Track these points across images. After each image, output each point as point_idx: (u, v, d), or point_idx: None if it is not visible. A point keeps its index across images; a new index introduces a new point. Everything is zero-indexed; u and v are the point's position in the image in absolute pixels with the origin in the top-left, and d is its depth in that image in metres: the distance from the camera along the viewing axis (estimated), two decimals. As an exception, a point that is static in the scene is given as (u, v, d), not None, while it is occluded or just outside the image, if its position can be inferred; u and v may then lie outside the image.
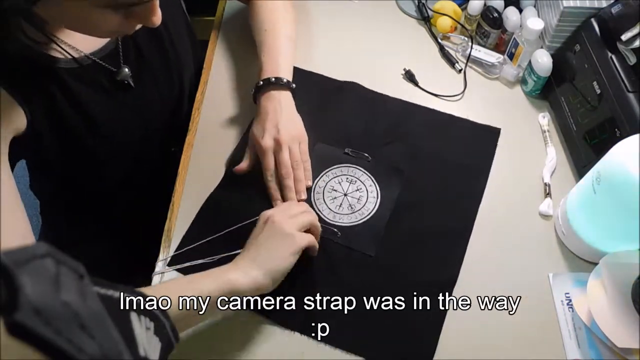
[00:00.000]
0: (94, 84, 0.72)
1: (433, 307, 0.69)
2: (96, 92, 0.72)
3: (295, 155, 0.77)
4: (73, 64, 0.68)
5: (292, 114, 0.79)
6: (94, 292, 0.29)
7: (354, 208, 0.77)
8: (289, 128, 0.77)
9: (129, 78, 0.75)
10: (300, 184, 0.77)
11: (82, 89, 0.70)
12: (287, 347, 0.67)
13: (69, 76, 0.68)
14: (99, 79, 0.72)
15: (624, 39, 0.74)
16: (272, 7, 0.87)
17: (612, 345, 0.62)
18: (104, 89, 0.73)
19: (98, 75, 0.72)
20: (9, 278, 0.22)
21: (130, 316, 0.33)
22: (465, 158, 0.82)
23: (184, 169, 0.82)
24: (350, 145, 0.83)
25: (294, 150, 0.77)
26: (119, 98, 0.75)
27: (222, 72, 0.94)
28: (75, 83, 0.69)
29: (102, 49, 0.72)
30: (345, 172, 0.81)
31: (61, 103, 0.68)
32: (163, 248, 0.74)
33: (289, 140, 0.76)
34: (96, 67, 0.71)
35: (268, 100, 0.79)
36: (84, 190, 0.88)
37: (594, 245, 0.70)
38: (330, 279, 0.71)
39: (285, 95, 0.79)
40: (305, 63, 0.93)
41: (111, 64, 0.73)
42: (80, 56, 0.69)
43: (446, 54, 0.96)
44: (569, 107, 0.83)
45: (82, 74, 0.69)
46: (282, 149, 0.75)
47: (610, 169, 0.64)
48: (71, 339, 0.24)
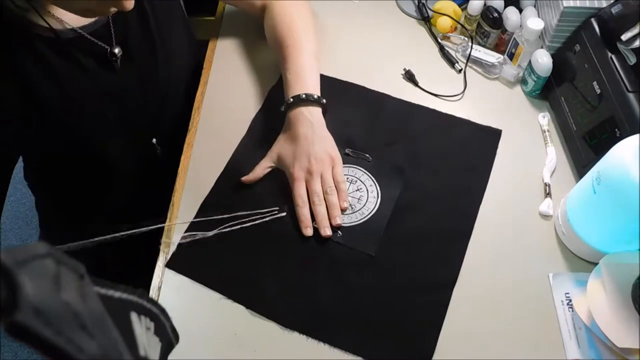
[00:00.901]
0: (74, 59, 0.71)
1: (433, 306, 0.69)
2: (75, 68, 0.72)
3: (327, 182, 0.75)
4: (50, 34, 0.68)
5: (324, 135, 0.78)
6: (94, 292, 0.29)
7: (355, 208, 0.77)
8: (321, 156, 0.76)
9: (117, 58, 0.75)
10: (334, 210, 0.75)
11: (60, 62, 0.70)
12: (288, 347, 0.67)
13: (44, 46, 0.68)
14: (82, 55, 0.72)
15: (624, 39, 0.74)
16: (293, 23, 0.84)
17: (612, 345, 0.62)
18: (84, 66, 0.73)
19: (81, 50, 0.72)
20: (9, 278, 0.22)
21: (130, 316, 0.33)
22: (466, 159, 0.82)
23: (183, 169, 0.82)
24: (350, 145, 0.83)
25: (326, 177, 0.76)
26: (101, 78, 0.75)
27: (222, 72, 0.94)
28: (53, 55, 0.69)
29: (91, 25, 0.72)
30: (346, 172, 0.80)
31: (31, 70, 0.68)
32: (163, 248, 0.74)
33: (320, 168, 0.75)
34: (81, 41, 0.71)
35: (299, 121, 0.77)
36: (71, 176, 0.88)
37: (594, 245, 0.70)
38: (331, 279, 0.71)
39: (316, 113, 0.78)
40: (305, 63, 0.93)
41: (101, 40, 0.73)
42: (65, 28, 0.69)
43: (446, 54, 0.96)
44: (569, 107, 0.83)
45: (61, 47, 0.69)
46: (314, 178, 0.75)
47: (610, 169, 0.64)
48: (71, 339, 0.24)
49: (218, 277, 0.71)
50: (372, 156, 0.82)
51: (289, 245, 0.73)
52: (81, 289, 0.27)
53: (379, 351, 0.66)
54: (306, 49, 0.82)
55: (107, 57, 0.74)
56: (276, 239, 0.74)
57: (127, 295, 0.34)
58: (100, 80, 0.75)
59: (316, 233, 0.74)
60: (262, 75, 0.93)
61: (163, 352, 0.39)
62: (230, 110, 0.88)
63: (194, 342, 0.67)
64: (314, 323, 0.67)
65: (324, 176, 0.75)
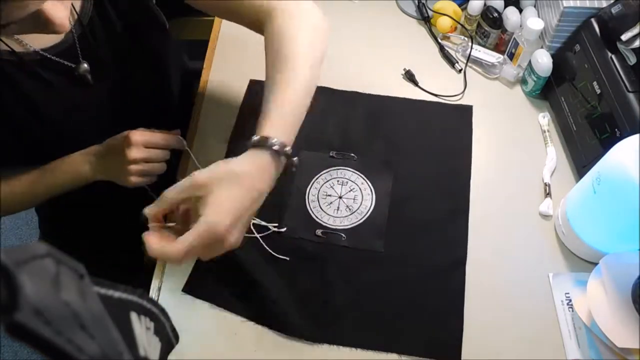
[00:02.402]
0: (38, 77, 0.71)
1: (451, 286, 0.70)
2: (42, 85, 0.71)
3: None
4: (13, 57, 0.67)
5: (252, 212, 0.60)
6: (94, 292, 0.29)
7: (352, 209, 0.77)
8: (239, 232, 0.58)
9: (87, 74, 0.74)
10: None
11: (25, 80, 0.69)
12: (288, 347, 0.67)
13: (10, 67, 0.67)
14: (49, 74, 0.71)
15: (624, 39, 0.74)
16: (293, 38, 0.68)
17: (612, 345, 0.62)
18: (51, 83, 0.72)
19: (48, 70, 0.71)
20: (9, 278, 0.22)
21: (130, 316, 0.33)
22: (445, 139, 0.85)
23: (184, 169, 0.82)
24: (334, 148, 0.83)
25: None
26: (72, 94, 0.75)
27: (222, 72, 0.94)
28: (20, 75, 0.69)
29: (57, 46, 0.71)
30: (335, 175, 0.81)
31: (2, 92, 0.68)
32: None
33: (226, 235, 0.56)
34: (46, 61, 0.70)
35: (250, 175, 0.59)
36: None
37: (594, 245, 0.70)
38: (345, 284, 0.71)
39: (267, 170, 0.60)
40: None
41: (68, 59, 0.72)
42: (27, 50, 0.68)
43: (446, 54, 0.96)
44: (569, 107, 0.83)
45: (25, 67, 0.69)
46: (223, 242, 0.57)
47: (610, 169, 0.64)
48: (71, 339, 0.24)
49: (235, 300, 0.70)
50: (357, 155, 0.82)
51: (295, 260, 0.73)
52: (81, 289, 0.27)
53: (410, 342, 0.66)
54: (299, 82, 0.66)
55: (77, 75, 0.73)
56: (282, 254, 0.73)
57: (127, 295, 0.34)
58: (74, 97, 0.75)
59: (320, 241, 0.74)
60: (261, 75, 0.93)
61: (163, 352, 0.39)
62: (230, 110, 0.88)
63: (194, 342, 0.67)
64: (338, 331, 0.67)
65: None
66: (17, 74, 0.68)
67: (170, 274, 0.72)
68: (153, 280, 0.72)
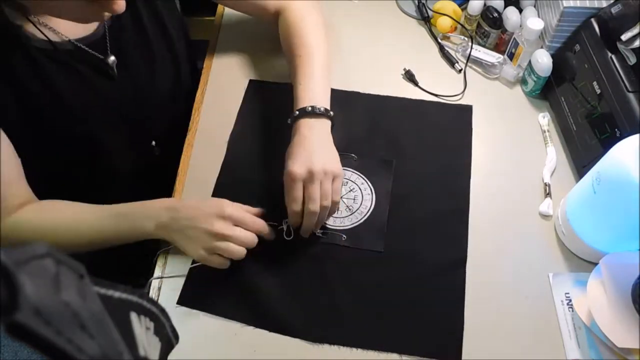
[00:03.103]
0: (69, 67, 0.72)
1: (451, 285, 0.70)
2: (71, 75, 0.72)
3: (326, 194, 0.69)
4: (47, 45, 0.68)
5: (330, 146, 0.73)
6: (94, 292, 0.29)
7: (352, 209, 0.77)
8: (325, 160, 0.70)
9: (114, 66, 0.75)
10: (319, 224, 0.72)
11: (55, 70, 0.70)
12: (288, 347, 0.67)
13: (41, 56, 0.68)
14: (78, 64, 0.72)
15: (624, 39, 0.74)
16: (304, 31, 0.83)
17: (612, 345, 0.62)
18: (80, 73, 0.73)
19: (78, 60, 0.72)
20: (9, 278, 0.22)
21: (130, 316, 0.33)
22: (445, 139, 0.84)
23: (183, 169, 0.82)
24: None
25: (326, 188, 0.69)
26: (97, 86, 0.75)
27: (222, 72, 0.94)
28: (49, 64, 0.69)
29: (88, 37, 0.72)
30: None
31: (29, 81, 0.69)
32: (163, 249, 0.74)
33: (322, 174, 0.69)
34: (78, 52, 0.71)
35: (304, 128, 0.73)
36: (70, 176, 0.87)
37: (594, 245, 0.70)
38: (346, 284, 0.71)
39: (322, 125, 0.74)
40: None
41: (97, 51, 0.73)
42: (62, 40, 0.69)
43: (446, 54, 0.96)
44: (569, 107, 0.83)
45: (57, 56, 0.69)
46: (314, 183, 0.68)
47: (610, 169, 0.64)
48: (71, 339, 0.24)
49: (233, 306, 0.69)
50: (356, 155, 0.82)
51: (295, 260, 0.73)
52: (81, 289, 0.27)
53: (410, 342, 0.66)
54: (317, 60, 0.80)
55: (104, 67, 0.74)
56: (281, 256, 0.73)
57: (127, 295, 0.34)
58: (99, 89, 0.76)
59: (320, 242, 0.74)
60: (262, 75, 0.93)
61: (163, 352, 0.39)
62: (230, 110, 0.88)
63: (194, 342, 0.67)
64: (338, 331, 0.67)
65: (324, 186, 0.69)
66: (48, 64, 0.69)
67: (170, 273, 0.72)
68: (153, 281, 0.71)
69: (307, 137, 0.72)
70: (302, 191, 0.69)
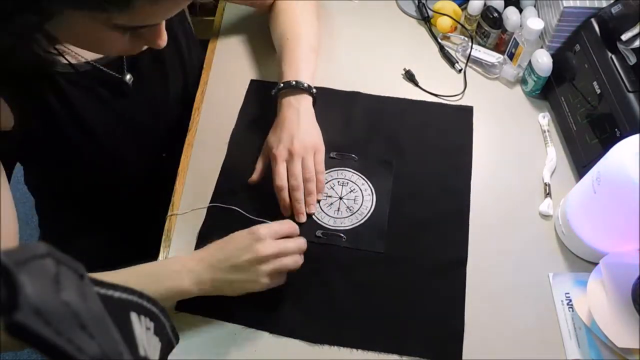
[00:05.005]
0: (89, 90, 0.72)
1: (451, 286, 0.70)
2: (91, 98, 0.73)
3: (308, 167, 0.75)
4: (69, 69, 0.68)
5: (310, 122, 0.78)
6: (94, 292, 0.29)
7: (353, 209, 0.77)
8: (304, 138, 0.76)
9: (130, 84, 0.75)
10: (311, 197, 0.76)
11: (77, 94, 0.70)
12: (288, 347, 0.67)
13: (64, 81, 0.69)
14: (96, 85, 0.73)
15: (624, 39, 0.74)
16: (295, 17, 0.86)
17: (612, 345, 0.62)
18: (99, 95, 0.73)
19: (96, 81, 0.72)
20: (9, 278, 0.22)
21: (130, 316, 0.33)
22: (445, 140, 0.84)
23: (183, 169, 0.82)
24: (334, 148, 0.83)
25: (308, 162, 0.75)
26: (114, 105, 0.76)
27: (222, 72, 0.94)
28: (71, 88, 0.69)
29: (105, 57, 0.72)
30: (335, 175, 0.81)
31: (55, 106, 0.69)
32: (163, 248, 0.74)
33: (302, 151, 0.75)
34: (96, 73, 0.71)
35: (287, 107, 0.78)
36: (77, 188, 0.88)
37: (594, 245, 0.70)
38: (346, 285, 0.71)
39: (305, 101, 0.78)
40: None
41: (114, 70, 0.74)
42: (80, 62, 0.69)
43: (446, 54, 0.96)
44: (569, 107, 0.83)
45: (78, 79, 0.70)
46: (294, 160, 0.74)
47: (610, 169, 0.64)
48: (71, 339, 0.24)
49: (232, 310, 0.69)
50: (357, 155, 0.82)
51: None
52: (81, 289, 0.27)
53: (410, 343, 0.66)
54: (304, 41, 0.83)
55: (121, 85, 0.75)
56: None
57: (127, 296, 0.34)
58: (114, 106, 0.76)
59: (320, 242, 0.74)
60: (262, 75, 0.93)
61: (163, 352, 0.39)
62: (231, 110, 0.88)
63: (194, 342, 0.67)
64: (338, 332, 0.67)
65: (305, 162, 0.75)
66: (71, 89, 0.69)
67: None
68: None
69: (288, 117, 0.77)
70: (285, 168, 0.75)
